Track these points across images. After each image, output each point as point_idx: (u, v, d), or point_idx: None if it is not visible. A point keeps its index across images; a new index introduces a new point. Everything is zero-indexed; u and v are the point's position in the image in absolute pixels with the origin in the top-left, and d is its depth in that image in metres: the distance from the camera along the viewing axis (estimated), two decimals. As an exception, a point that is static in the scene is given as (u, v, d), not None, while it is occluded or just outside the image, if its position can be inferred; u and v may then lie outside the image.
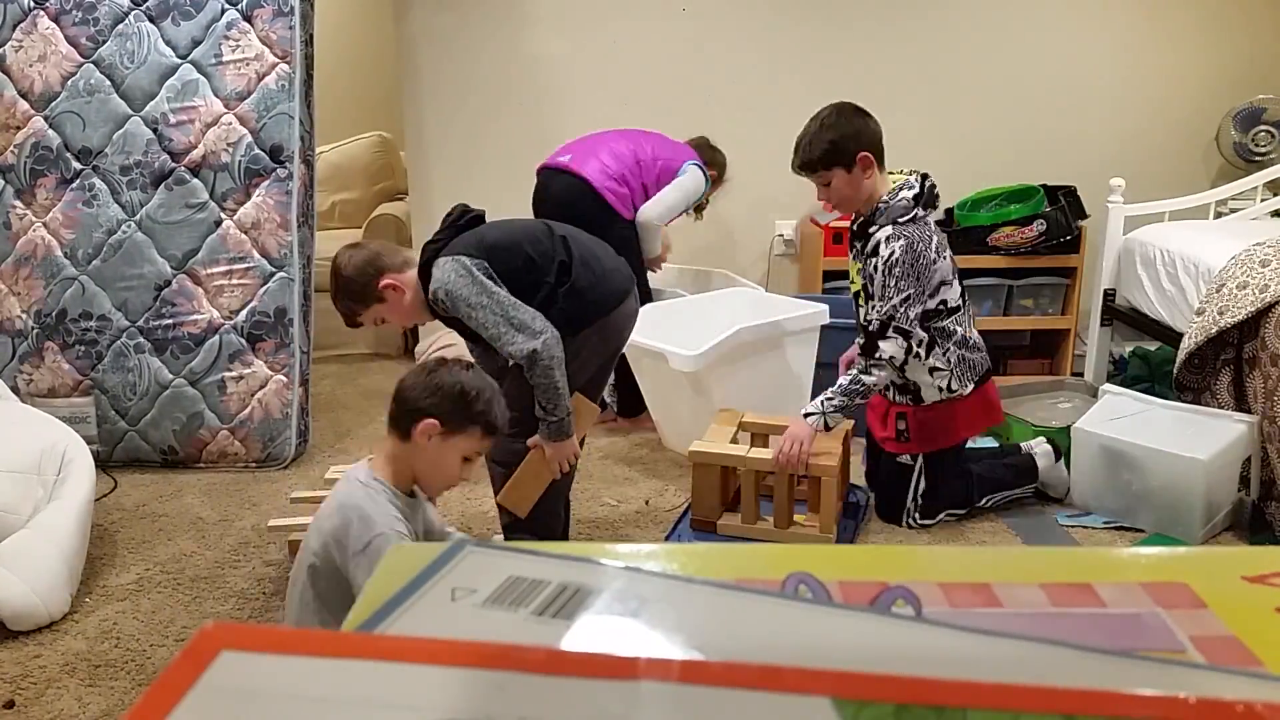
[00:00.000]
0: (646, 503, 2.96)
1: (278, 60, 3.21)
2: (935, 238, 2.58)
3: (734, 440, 2.72)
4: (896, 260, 2.50)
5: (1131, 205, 3.62)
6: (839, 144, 2.52)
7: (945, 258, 2.60)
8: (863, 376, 2.56)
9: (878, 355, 2.53)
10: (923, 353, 2.60)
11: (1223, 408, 2.83)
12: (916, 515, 2.76)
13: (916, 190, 2.57)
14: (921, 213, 2.57)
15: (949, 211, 4.02)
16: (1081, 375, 3.81)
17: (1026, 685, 0.34)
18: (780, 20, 4.03)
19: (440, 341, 3.97)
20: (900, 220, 2.53)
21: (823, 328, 3.21)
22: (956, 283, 2.63)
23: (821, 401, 2.57)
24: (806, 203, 4.16)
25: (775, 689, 0.34)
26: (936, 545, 2.40)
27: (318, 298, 3.44)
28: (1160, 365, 3.57)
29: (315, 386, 3.63)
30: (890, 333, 2.53)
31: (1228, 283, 2.86)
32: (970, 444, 2.87)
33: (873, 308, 2.57)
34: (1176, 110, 4.12)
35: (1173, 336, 3.19)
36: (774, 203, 4.19)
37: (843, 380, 2.60)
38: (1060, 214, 3.71)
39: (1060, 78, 4.08)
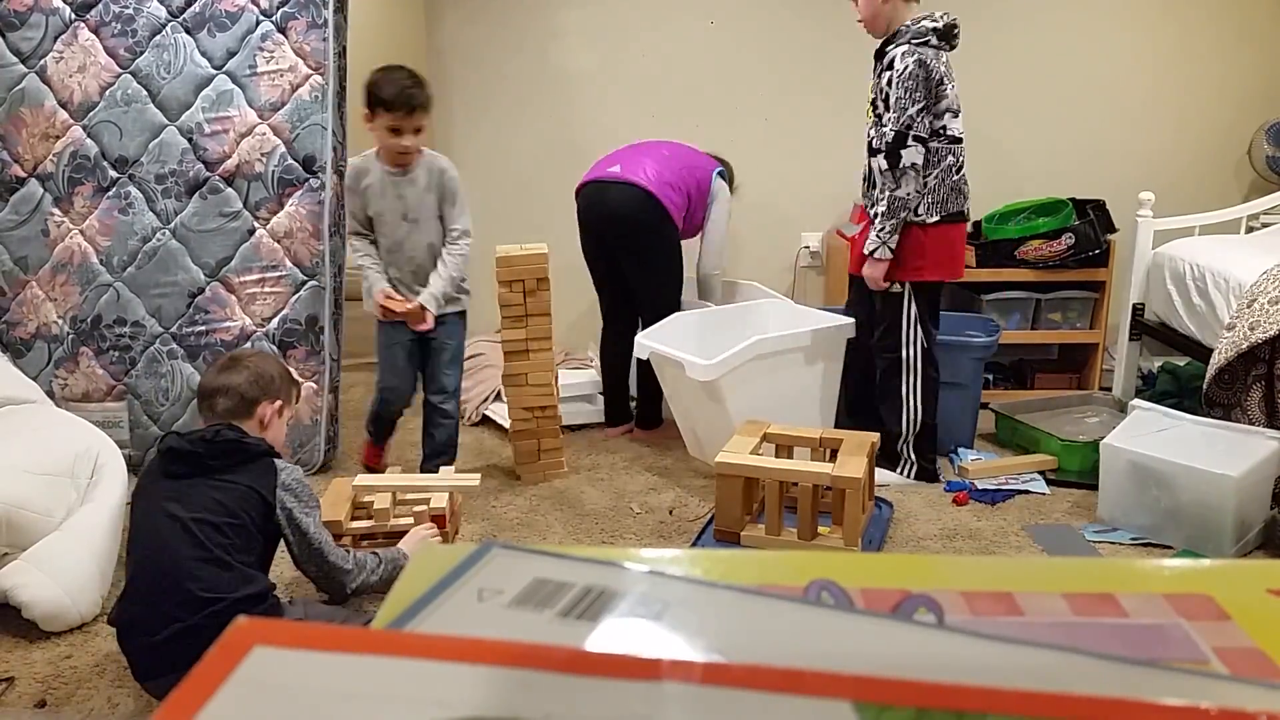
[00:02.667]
0: (670, 512, 2.96)
1: (311, 72, 3.25)
2: (945, 67, 2.79)
3: (758, 451, 2.72)
4: (910, 73, 2.73)
5: (1161, 219, 3.59)
6: None
7: (953, 89, 2.80)
8: (895, 191, 2.78)
9: (901, 164, 2.75)
10: (909, 169, 2.81)
11: (1253, 424, 2.80)
12: (918, 342, 2.96)
13: (938, 25, 2.79)
14: (936, 42, 2.78)
15: (977, 224, 4.00)
16: (1109, 390, 3.77)
17: (1047, 692, 0.34)
18: (807, 34, 4.04)
19: (468, 350, 3.99)
20: (915, 41, 2.77)
21: (850, 340, 3.20)
22: (960, 121, 2.83)
23: (876, 235, 2.85)
24: (832, 215, 4.16)
25: (797, 692, 0.34)
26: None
27: (348, 306, 3.47)
28: (1189, 380, 3.53)
29: (345, 394, 3.66)
30: (910, 141, 2.75)
31: (1259, 298, 2.82)
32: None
33: (888, 121, 2.78)
34: (1207, 124, 4.08)
35: (1202, 352, 3.16)
36: (800, 215, 4.19)
37: (879, 208, 2.83)
38: (1089, 228, 3.68)
39: (1090, 90, 4.06)
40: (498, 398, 3.73)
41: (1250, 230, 3.71)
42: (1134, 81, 4.05)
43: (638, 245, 3.37)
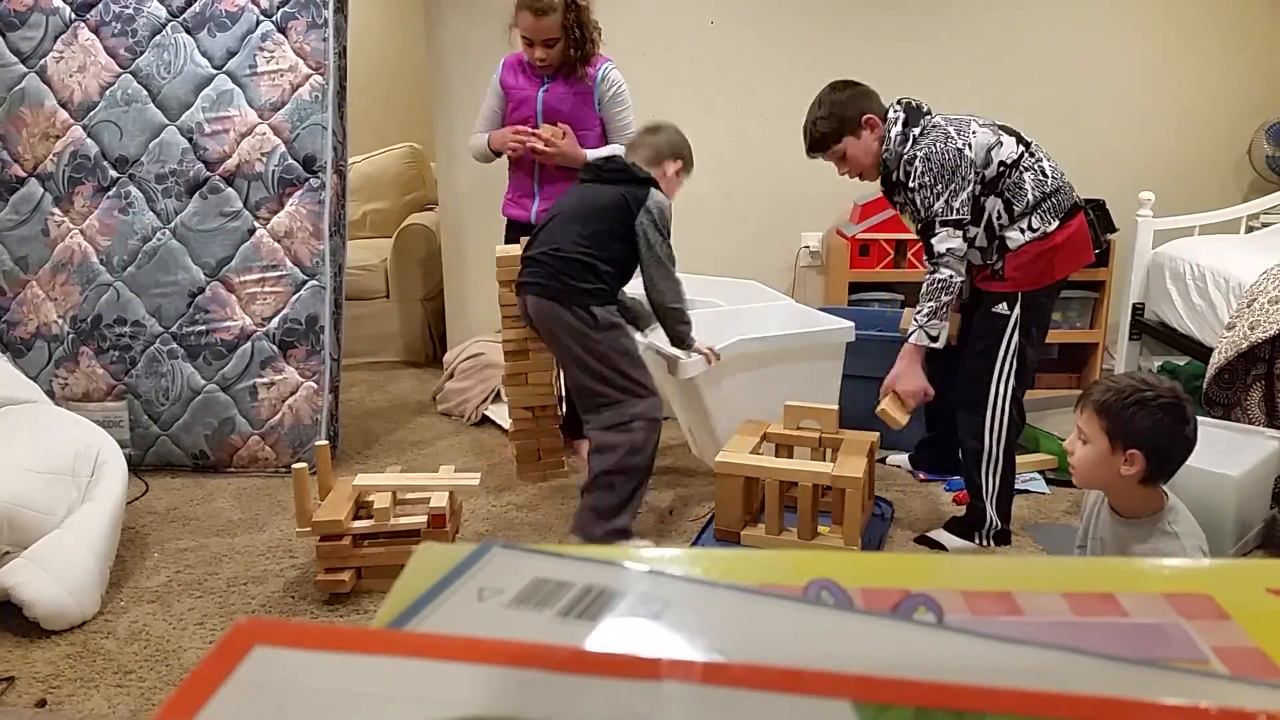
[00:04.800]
0: (670, 512, 2.96)
1: (311, 71, 3.25)
2: (952, 125, 2.58)
3: (758, 451, 2.72)
4: (921, 175, 2.55)
5: (1161, 219, 3.59)
6: (843, 115, 2.64)
7: (973, 132, 2.57)
8: (933, 275, 2.53)
9: (936, 253, 2.53)
10: (1005, 216, 2.57)
11: (1253, 424, 2.80)
12: (1009, 376, 2.59)
13: (903, 116, 2.63)
14: (919, 127, 2.60)
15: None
16: (1111, 390, 3.77)
17: (1046, 691, 0.34)
18: (807, 33, 4.04)
19: (469, 350, 3.99)
20: (909, 151, 2.59)
21: (849, 343, 3.17)
22: (1007, 138, 2.58)
23: (914, 319, 2.58)
24: (833, 215, 4.16)
25: (796, 691, 0.35)
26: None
27: (348, 305, 3.47)
28: (1189, 380, 3.53)
29: (345, 393, 3.66)
30: (938, 229, 2.53)
31: (1259, 297, 2.83)
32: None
33: (918, 224, 2.61)
34: (1207, 124, 4.08)
35: (1202, 351, 3.16)
36: (800, 215, 4.19)
37: (922, 291, 2.57)
38: (1089, 227, 3.68)
39: (1090, 90, 4.06)
40: (498, 398, 3.73)
41: (1250, 230, 3.71)
42: (1134, 82, 4.05)
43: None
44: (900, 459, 3.25)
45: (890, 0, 3.99)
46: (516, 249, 3.12)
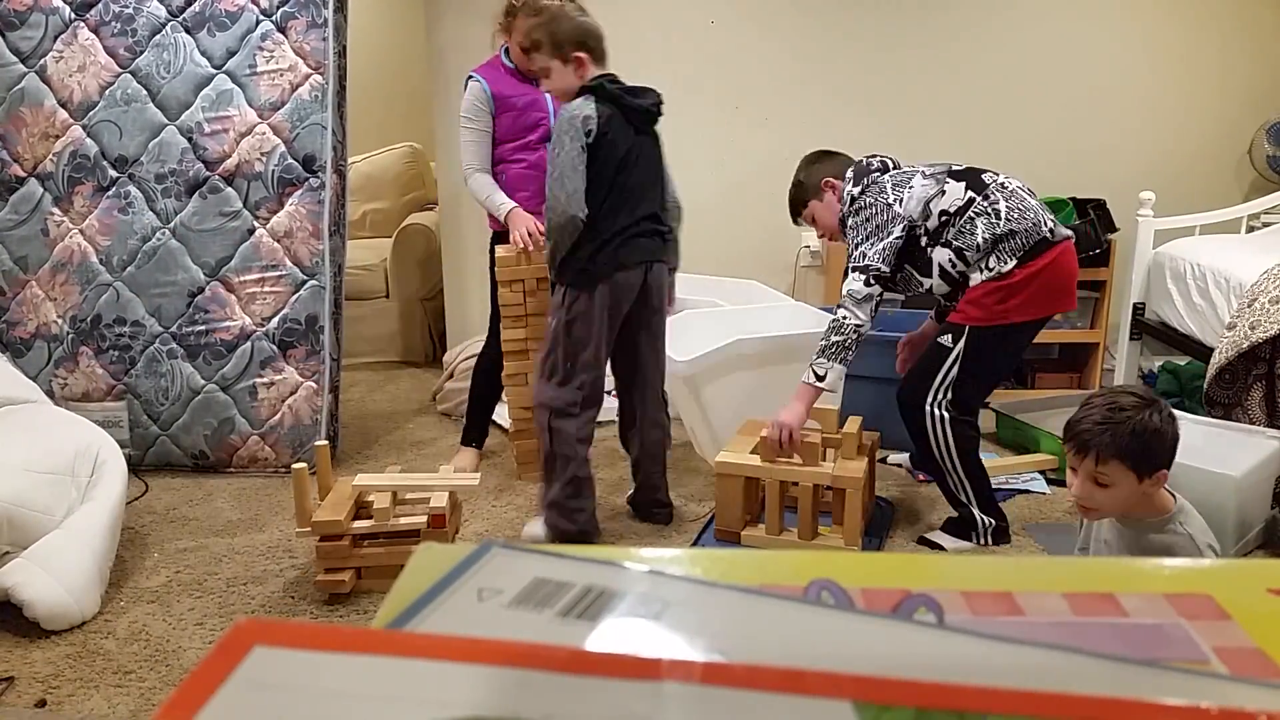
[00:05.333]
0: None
1: (311, 71, 3.25)
2: (892, 180, 2.66)
3: (758, 451, 2.72)
4: (851, 227, 2.69)
5: (1162, 219, 3.59)
6: (805, 182, 2.83)
7: (911, 187, 2.62)
8: (833, 315, 2.61)
9: (842, 294, 2.62)
10: (961, 263, 2.59)
11: (1254, 423, 2.80)
12: (944, 401, 2.60)
13: (852, 176, 2.73)
14: (861, 185, 2.69)
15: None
16: (1111, 390, 3.77)
17: (1047, 692, 0.34)
18: (807, 33, 4.04)
19: (469, 350, 3.99)
20: (851, 207, 2.69)
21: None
22: (953, 185, 2.59)
23: (812, 355, 2.61)
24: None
25: (797, 692, 0.34)
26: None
27: (348, 305, 3.47)
28: (1190, 380, 3.53)
29: (345, 393, 3.66)
30: (849, 272, 2.63)
31: (1260, 297, 2.83)
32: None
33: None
34: (1208, 123, 4.08)
35: (1203, 351, 3.16)
36: (801, 214, 4.19)
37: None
38: (1090, 227, 3.68)
39: (1091, 90, 4.06)
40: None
41: (1250, 230, 3.71)
42: (1134, 81, 4.05)
43: None
44: (900, 458, 3.25)
45: (891, 2, 3.99)
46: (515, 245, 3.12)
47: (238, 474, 3.29)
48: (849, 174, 2.74)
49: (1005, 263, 2.52)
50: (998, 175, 2.63)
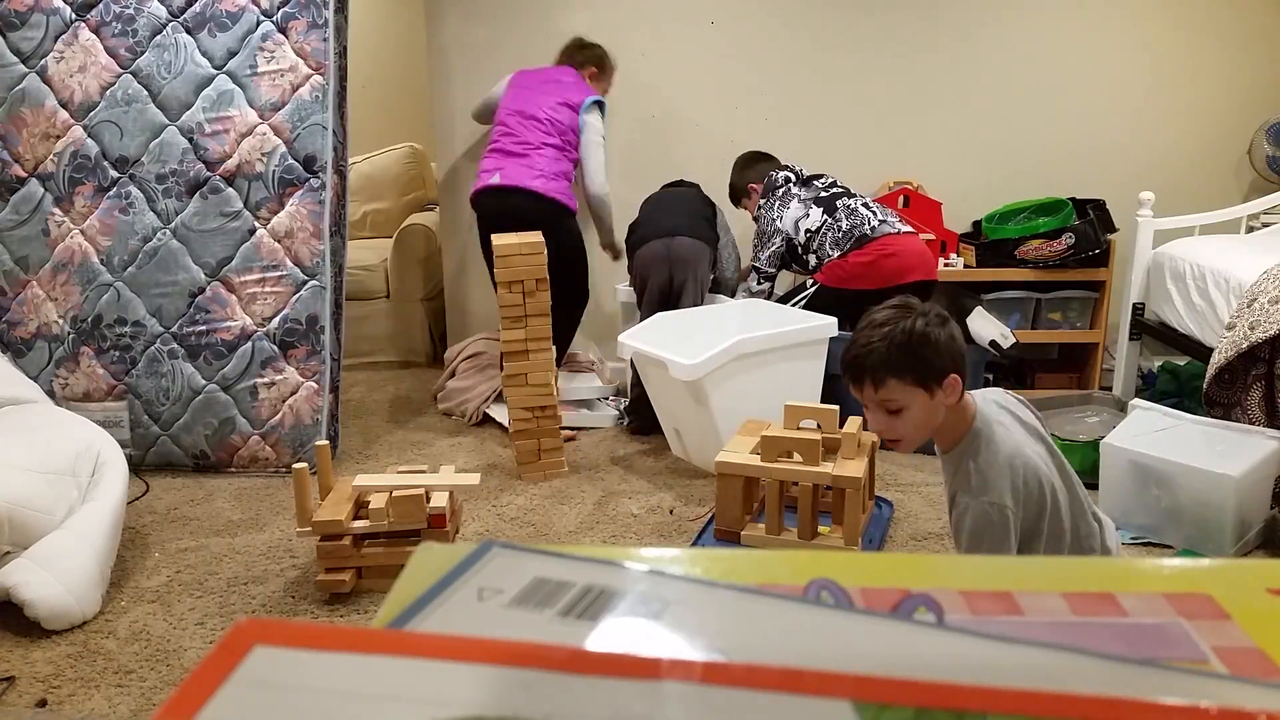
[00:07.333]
0: (670, 512, 2.96)
1: (312, 72, 3.25)
2: (780, 201, 3.52)
3: (758, 451, 2.72)
4: (755, 233, 3.62)
5: (1161, 219, 3.59)
6: (735, 185, 3.74)
7: (789, 208, 3.49)
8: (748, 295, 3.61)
9: (743, 286, 3.68)
10: (816, 260, 3.46)
11: (1254, 424, 2.80)
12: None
13: (760, 188, 3.60)
14: (763, 201, 3.56)
15: (977, 224, 4.00)
16: (1110, 389, 3.77)
17: (1047, 692, 0.34)
18: (807, 34, 4.04)
19: (470, 349, 3.99)
20: (755, 219, 3.64)
21: (833, 339, 3.18)
22: (815, 210, 3.45)
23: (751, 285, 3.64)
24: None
25: (796, 691, 0.35)
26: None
27: (349, 305, 3.47)
28: (1190, 380, 3.53)
29: (345, 393, 3.66)
30: (752, 270, 3.62)
31: (1259, 297, 2.83)
32: None
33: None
34: (1208, 123, 4.08)
35: (1202, 351, 3.16)
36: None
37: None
38: (1089, 227, 3.68)
39: (1090, 90, 4.05)
40: (499, 397, 3.73)
41: (1250, 230, 3.71)
42: (1134, 81, 4.05)
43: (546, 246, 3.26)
44: None
45: (891, 1, 3.99)
46: (514, 238, 3.12)
47: (238, 474, 3.29)
48: (764, 184, 3.57)
49: (833, 254, 3.40)
50: (850, 200, 3.43)
